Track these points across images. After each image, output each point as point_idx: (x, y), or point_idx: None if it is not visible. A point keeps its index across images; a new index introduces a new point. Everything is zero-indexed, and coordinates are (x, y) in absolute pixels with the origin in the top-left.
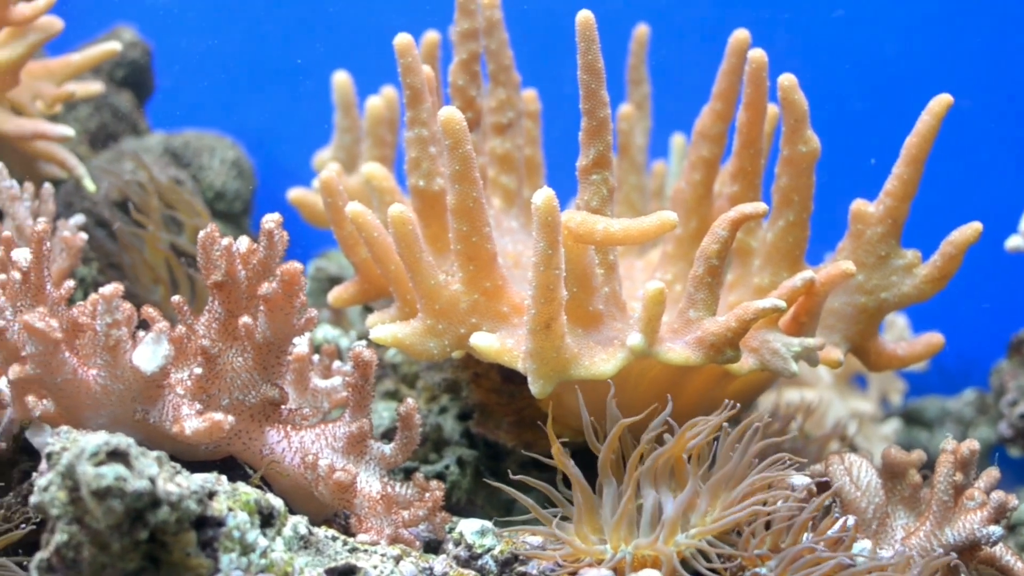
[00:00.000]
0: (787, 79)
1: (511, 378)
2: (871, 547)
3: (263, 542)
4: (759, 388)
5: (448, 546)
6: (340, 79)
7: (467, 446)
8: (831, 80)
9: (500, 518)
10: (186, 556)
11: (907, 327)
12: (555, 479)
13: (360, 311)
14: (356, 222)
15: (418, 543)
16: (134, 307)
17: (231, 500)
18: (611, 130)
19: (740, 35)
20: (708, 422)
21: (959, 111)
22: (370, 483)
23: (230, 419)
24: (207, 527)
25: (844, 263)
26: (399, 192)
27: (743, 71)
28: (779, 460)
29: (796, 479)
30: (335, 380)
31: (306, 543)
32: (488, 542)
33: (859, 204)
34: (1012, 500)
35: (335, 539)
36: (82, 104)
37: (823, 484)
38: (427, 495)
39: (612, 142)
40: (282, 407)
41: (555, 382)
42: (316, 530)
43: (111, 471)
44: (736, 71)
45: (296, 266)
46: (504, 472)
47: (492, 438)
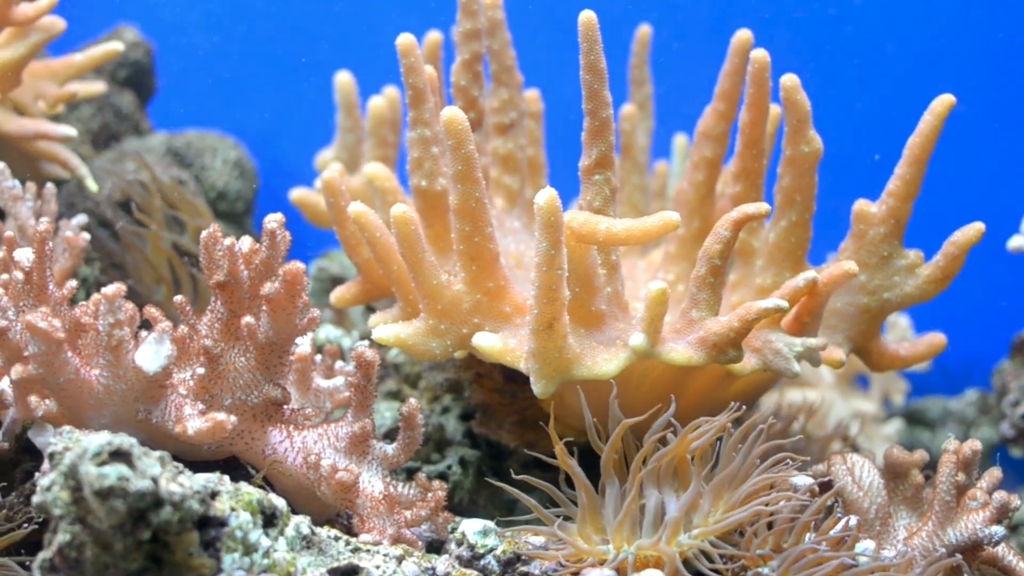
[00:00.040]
0: (790, 79)
1: (513, 378)
2: (875, 547)
3: (266, 542)
4: (761, 388)
5: (450, 546)
6: (342, 79)
7: (469, 446)
8: (834, 80)
9: (502, 518)
10: (189, 556)
11: (909, 327)
12: (557, 479)
13: (362, 311)
14: (358, 222)
15: (420, 543)
16: (136, 307)
17: (234, 500)
18: (613, 130)
19: (742, 35)
20: (712, 423)
21: (961, 112)
22: (372, 483)
23: (232, 419)
24: (210, 527)
25: (846, 263)
26: (401, 192)
27: (746, 71)
28: (782, 460)
29: (799, 479)
30: (337, 380)
31: (309, 543)
32: (490, 542)
33: (861, 204)
34: (1014, 500)
35: (338, 539)
36: (84, 104)
37: (825, 484)
38: (429, 495)
39: (615, 142)
40: (284, 407)
41: (557, 382)
42: (319, 530)
43: (114, 471)
44: (739, 71)
45: (298, 266)
46: (506, 472)
47: (494, 438)
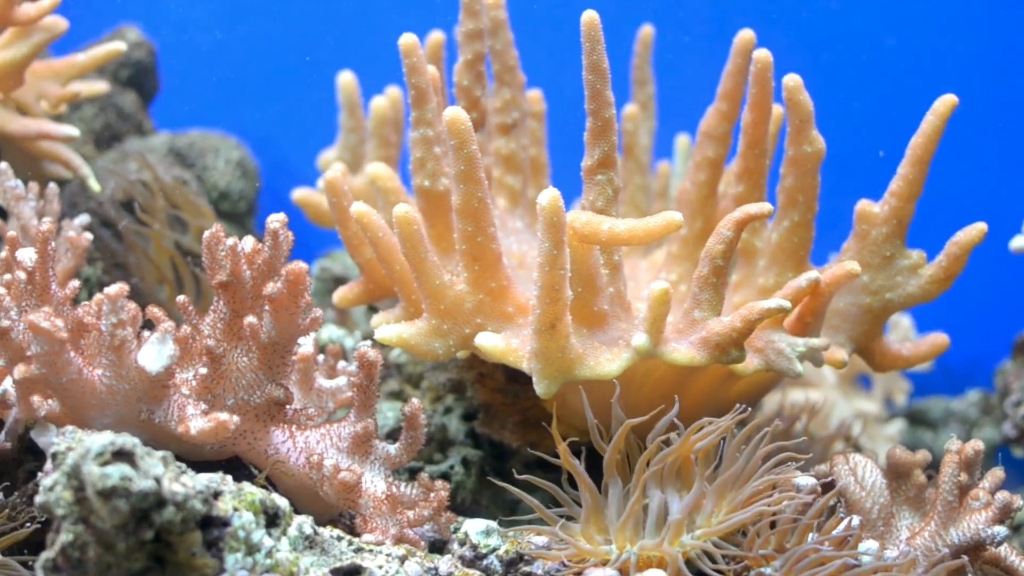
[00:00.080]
0: (792, 79)
1: (516, 378)
2: (878, 547)
3: (268, 542)
4: (764, 388)
5: (453, 546)
6: (345, 79)
7: (472, 446)
8: (836, 80)
9: (505, 518)
10: (191, 556)
11: (912, 327)
12: (560, 479)
13: (365, 311)
14: (361, 222)
15: (423, 543)
16: (139, 307)
17: (236, 500)
18: (616, 130)
19: (745, 35)
20: (716, 424)
21: (963, 112)
22: (375, 483)
23: (235, 419)
24: (212, 527)
25: (849, 263)
26: (404, 192)
27: (748, 71)
28: (785, 461)
29: (802, 479)
30: (340, 380)
31: (311, 543)
32: (493, 542)
33: (864, 204)
34: (1017, 500)
35: (340, 539)
36: (87, 104)
37: (828, 484)
38: (432, 495)
39: (617, 142)
40: (287, 407)
41: (560, 382)
42: (321, 530)
43: (116, 471)
44: (741, 71)
45: (301, 266)
46: (509, 472)
47: (497, 438)
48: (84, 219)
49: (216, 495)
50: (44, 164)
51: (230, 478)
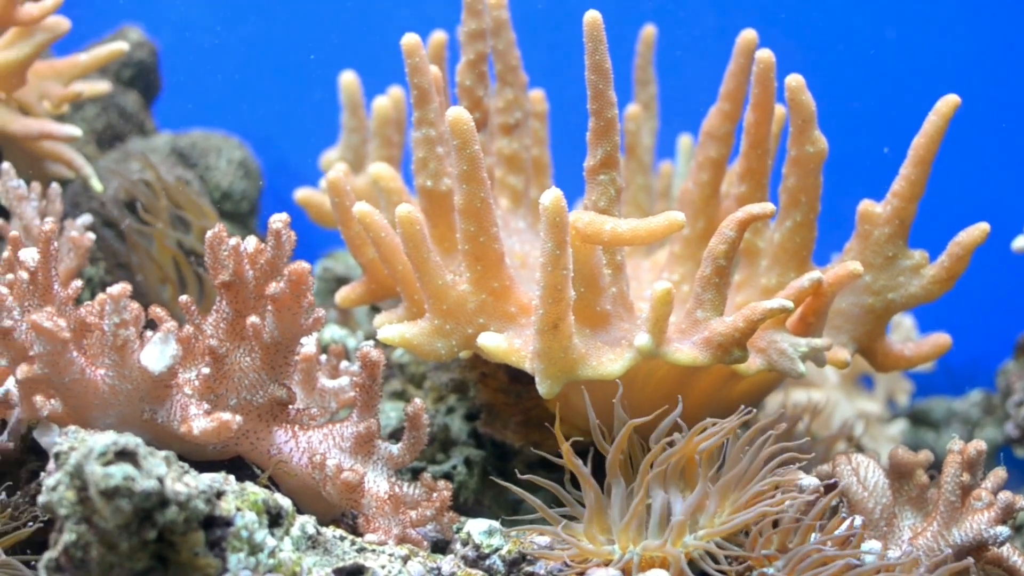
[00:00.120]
0: (795, 79)
1: (518, 378)
2: (881, 547)
3: (271, 542)
4: (766, 388)
5: (456, 546)
6: (347, 79)
7: (474, 446)
8: (839, 81)
9: (508, 518)
10: (194, 556)
11: (914, 328)
12: (562, 479)
13: (367, 311)
14: (363, 222)
15: (426, 543)
16: (142, 307)
17: (239, 500)
18: (619, 130)
19: (748, 35)
20: (720, 425)
21: (966, 112)
22: (378, 483)
23: (238, 419)
24: (215, 527)
25: (851, 264)
26: (406, 192)
27: (751, 71)
28: (788, 462)
29: (806, 480)
30: (342, 380)
31: (314, 543)
32: (496, 542)
33: (866, 205)
34: (1019, 500)
35: (343, 539)
36: (89, 104)
37: (830, 485)
38: (435, 495)
39: (620, 142)
40: (290, 407)
41: (563, 382)
42: (324, 530)
43: (119, 471)
44: (744, 71)
45: (304, 266)
46: (511, 472)
47: (499, 438)
48: (86, 219)
49: (219, 495)
50: (46, 164)
51: (233, 478)
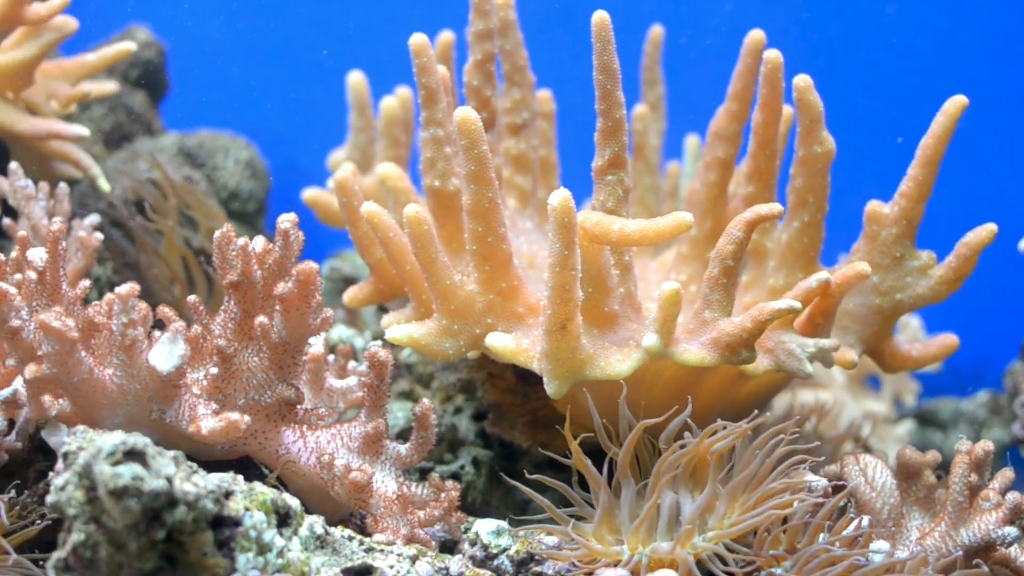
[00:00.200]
0: (802, 80)
1: (526, 378)
2: (889, 547)
3: (280, 542)
4: (774, 389)
5: (464, 546)
6: (355, 79)
7: (482, 446)
8: (846, 81)
9: (516, 518)
10: (203, 556)
11: (921, 328)
12: (570, 479)
13: (375, 311)
14: (371, 222)
15: (434, 543)
16: (150, 307)
17: (248, 500)
18: (626, 131)
19: (755, 36)
20: (731, 428)
21: (973, 112)
22: (386, 483)
23: (246, 419)
24: (224, 527)
25: (859, 264)
26: (414, 192)
27: (758, 72)
28: (797, 463)
29: (813, 480)
30: (350, 380)
31: (322, 543)
32: (504, 542)
33: (874, 205)
34: None
35: (351, 539)
36: (96, 104)
37: (838, 485)
38: (443, 495)
39: (627, 143)
40: (298, 407)
41: (571, 382)
42: (332, 530)
43: (128, 471)
44: (751, 72)
45: (312, 266)
46: (519, 472)
47: (507, 438)
48: (94, 219)
49: (227, 495)
50: (54, 164)
51: (241, 478)
